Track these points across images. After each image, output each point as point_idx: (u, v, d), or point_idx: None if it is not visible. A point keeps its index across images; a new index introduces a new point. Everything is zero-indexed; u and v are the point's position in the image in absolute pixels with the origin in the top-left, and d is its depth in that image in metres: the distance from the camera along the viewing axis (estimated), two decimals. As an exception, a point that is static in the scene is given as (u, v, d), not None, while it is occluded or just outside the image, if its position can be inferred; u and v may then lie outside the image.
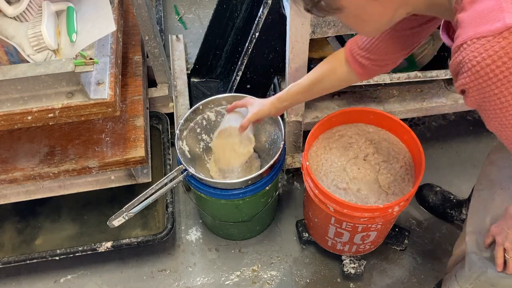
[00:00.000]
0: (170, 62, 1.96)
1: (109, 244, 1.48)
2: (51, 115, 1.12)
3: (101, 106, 1.14)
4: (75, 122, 1.41)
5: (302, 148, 1.66)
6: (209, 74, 1.97)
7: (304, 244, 1.63)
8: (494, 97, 0.65)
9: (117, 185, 1.51)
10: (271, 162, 1.29)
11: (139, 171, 1.52)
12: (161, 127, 1.76)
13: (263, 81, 1.64)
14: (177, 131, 1.41)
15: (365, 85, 1.58)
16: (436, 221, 1.66)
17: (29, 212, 1.67)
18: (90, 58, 1.06)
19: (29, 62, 1.11)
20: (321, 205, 1.25)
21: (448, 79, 1.61)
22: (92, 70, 1.05)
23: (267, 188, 1.35)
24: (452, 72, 0.71)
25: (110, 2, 1.24)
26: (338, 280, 1.55)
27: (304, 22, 1.20)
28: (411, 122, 1.92)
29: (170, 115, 1.80)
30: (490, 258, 1.02)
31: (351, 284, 1.54)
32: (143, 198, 1.29)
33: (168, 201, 1.56)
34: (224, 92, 1.71)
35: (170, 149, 1.69)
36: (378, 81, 1.49)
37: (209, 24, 1.86)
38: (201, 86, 1.96)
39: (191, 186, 1.38)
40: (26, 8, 1.14)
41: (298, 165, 1.68)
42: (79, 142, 1.39)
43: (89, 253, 1.49)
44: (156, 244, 1.62)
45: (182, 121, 1.43)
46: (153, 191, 1.30)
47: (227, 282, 1.56)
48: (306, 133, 1.39)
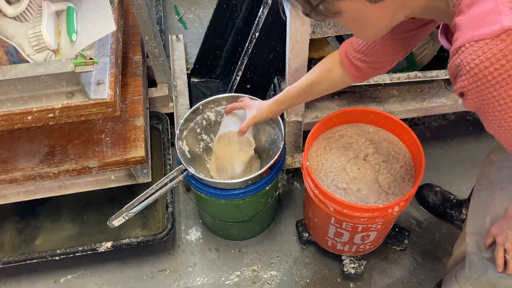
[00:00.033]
0: (170, 62, 1.96)
1: (109, 244, 1.48)
2: (51, 115, 1.12)
3: (101, 106, 1.14)
4: (75, 122, 1.41)
5: (302, 148, 1.66)
6: (209, 74, 1.97)
7: (304, 244, 1.63)
8: (492, 99, 0.65)
9: (117, 185, 1.51)
10: (271, 162, 1.29)
11: (139, 171, 1.52)
12: (161, 127, 1.76)
13: (263, 81, 1.64)
14: (177, 131, 1.41)
15: (365, 85, 1.58)
16: (436, 221, 1.66)
17: (29, 212, 1.67)
18: (90, 58, 1.06)
19: (29, 62, 1.11)
20: (321, 205, 1.25)
21: (448, 79, 1.61)
22: (92, 70, 1.05)
23: (267, 188, 1.35)
24: (450, 75, 0.71)
25: (110, 2, 1.24)
26: (338, 280, 1.55)
27: (304, 22, 1.21)
28: (411, 122, 1.92)
29: (170, 115, 1.80)
30: (490, 258, 1.02)
31: (351, 284, 1.54)
32: (143, 198, 1.29)
33: (168, 201, 1.56)
34: (224, 92, 1.71)
35: (170, 149, 1.69)
36: (378, 81, 1.49)
37: (209, 24, 1.86)
38: (201, 86, 1.96)
39: (191, 186, 1.38)
40: (26, 8, 1.14)
41: (298, 165, 1.67)
42: (79, 142, 1.39)
43: (89, 253, 1.49)
44: (156, 244, 1.62)
45: (182, 121, 1.43)
46: (153, 191, 1.30)
47: (227, 282, 1.56)
48: (306, 133, 1.39)
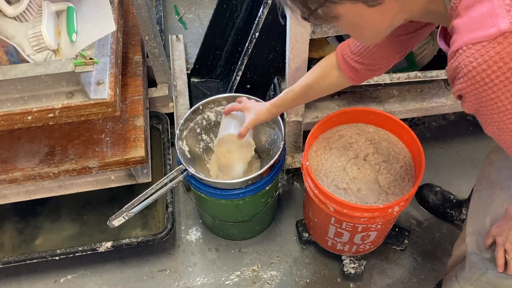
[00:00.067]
0: (170, 62, 1.96)
1: (109, 244, 1.48)
2: (51, 115, 1.12)
3: (101, 106, 1.14)
4: (75, 122, 1.41)
5: (302, 148, 1.66)
6: (209, 74, 1.97)
7: (304, 244, 1.63)
8: (490, 101, 0.65)
9: (117, 185, 1.51)
10: (271, 162, 1.29)
11: (139, 171, 1.52)
12: (161, 127, 1.76)
13: (263, 81, 1.64)
14: (177, 131, 1.41)
15: (365, 85, 1.57)
16: (436, 221, 1.66)
17: (29, 212, 1.67)
18: (90, 58, 1.06)
19: (29, 62, 1.11)
20: (321, 205, 1.25)
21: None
22: (92, 70, 1.05)
23: (267, 188, 1.35)
24: (449, 77, 0.71)
25: (110, 2, 1.24)
26: (338, 280, 1.55)
27: (303, 25, 1.20)
28: (411, 122, 1.92)
29: (170, 115, 1.80)
30: (490, 259, 1.02)
31: (351, 284, 1.54)
32: (143, 198, 1.29)
33: (168, 201, 1.56)
34: (224, 92, 1.71)
35: (170, 149, 1.69)
36: (378, 81, 1.49)
37: (209, 24, 1.86)
38: (201, 86, 1.96)
39: (191, 186, 1.38)
40: (26, 8, 1.14)
41: (298, 165, 1.67)
42: (79, 142, 1.39)
43: (89, 253, 1.49)
44: (156, 244, 1.62)
45: (182, 121, 1.43)
46: (153, 191, 1.30)
47: (227, 282, 1.56)
48: (306, 133, 1.39)
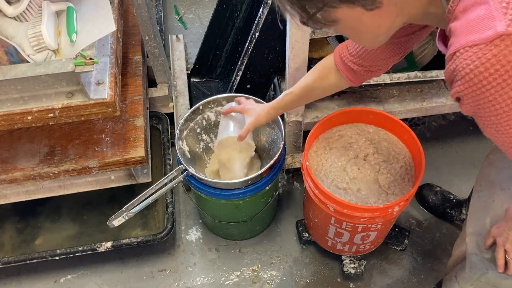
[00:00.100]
0: (170, 62, 1.96)
1: (109, 244, 1.48)
2: (51, 115, 1.12)
3: (101, 106, 1.14)
4: (75, 122, 1.41)
5: (302, 148, 1.66)
6: (209, 74, 1.97)
7: (304, 244, 1.63)
8: (488, 104, 0.65)
9: (117, 185, 1.51)
10: (271, 162, 1.29)
11: (139, 171, 1.52)
12: (161, 127, 1.76)
13: (263, 81, 1.64)
14: (177, 131, 1.41)
15: (365, 85, 1.57)
16: (436, 221, 1.66)
17: (29, 212, 1.67)
18: (90, 58, 1.06)
19: (29, 62, 1.11)
20: (321, 205, 1.25)
21: (448, 79, 1.61)
22: (92, 70, 1.05)
23: (267, 188, 1.35)
24: (447, 79, 0.72)
25: (110, 2, 1.24)
26: (338, 280, 1.55)
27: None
28: (411, 122, 1.92)
29: (170, 115, 1.80)
30: (490, 259, 1.02)
31: (351, 284, 1.54)
32: (143, 198, 1.29)
33: (168, 201, 1.56)
34: (224, 92, 1.71)
35: (170, 149, 1.69)
36: (378, 81, 1.49)
37: (209, 24, 1.86)
38: (201, 86, 1.96)
39: (191, 186, 1.38)
40: (26, 8, 1.14)
41: (298, 165, 1.67)
42: (79, 142, 1.39)
43: (89, 253, 1.49)
44: (156, 244, 1.62)
45: (182, 121, 1.43)
46: (153, 191, 1.30)
47: (227, 282, 1.56)
48: (306, 133, 1.39)
